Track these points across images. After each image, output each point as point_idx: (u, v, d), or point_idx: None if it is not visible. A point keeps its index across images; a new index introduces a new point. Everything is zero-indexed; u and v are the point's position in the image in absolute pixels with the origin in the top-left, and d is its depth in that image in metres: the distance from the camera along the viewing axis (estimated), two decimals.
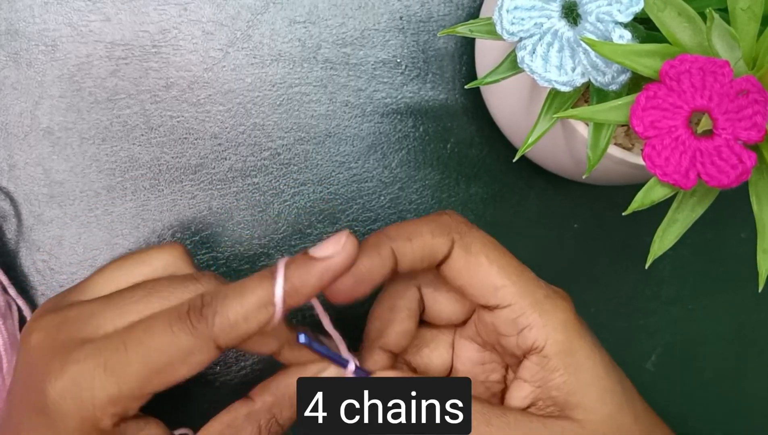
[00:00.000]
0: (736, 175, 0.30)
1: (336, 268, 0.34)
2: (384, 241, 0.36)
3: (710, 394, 0.49)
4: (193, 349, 0.33)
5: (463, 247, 0.37)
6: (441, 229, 0.37)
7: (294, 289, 0.33)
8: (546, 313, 0.36)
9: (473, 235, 0.37)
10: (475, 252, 0.37)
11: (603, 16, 0.32)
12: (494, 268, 0.37)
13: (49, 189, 0.46)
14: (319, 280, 0.33)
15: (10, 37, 0.45)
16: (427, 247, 0.36)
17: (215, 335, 0.33)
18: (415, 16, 0.47)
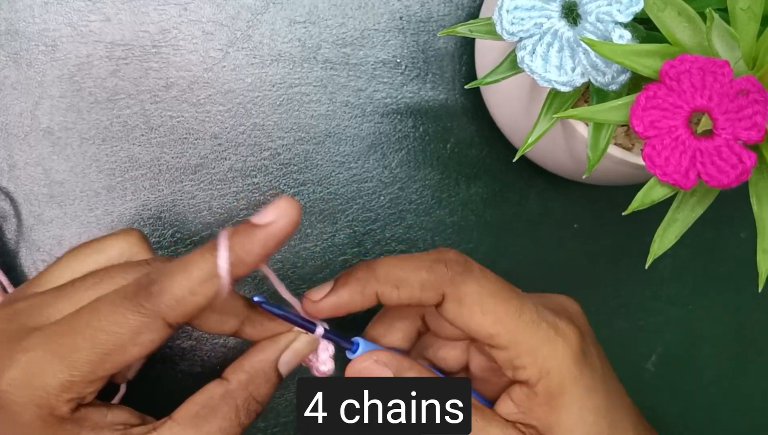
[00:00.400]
0: (736, 175, 0.30)
1: (278, 234, 0.33)
2: (371, 283, 0.36)
3: (710, 394, 0.49)
4: (142, 327, 0.32)
5: (456, 299, 0.36)
6: (432, 281, 0.35)
7: (239, 259, 0.32)
8: (542, 358, 0.35)
9: (467, 285, 0.36)
10: (468, 304, 0.36)
11: (603, 16, 0.32)
12: (488, 319, 0.36)
13: (50, 189, 0.46)
14: (262, 248, 0.33)
15: (10, 37, 0.45)
16: (415, 298, 0.36)
17: (163, 312, 0.32)
18: (415, 16, 0.47)
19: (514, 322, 0.36)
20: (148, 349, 0.33)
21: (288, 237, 0.33)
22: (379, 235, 0.47)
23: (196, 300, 0.32)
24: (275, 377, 0.37)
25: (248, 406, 0.36)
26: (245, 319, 0.37)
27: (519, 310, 0.36)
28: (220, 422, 0.35)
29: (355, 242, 0.47)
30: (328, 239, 0.47)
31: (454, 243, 0.47)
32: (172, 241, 0.46)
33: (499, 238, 0.48)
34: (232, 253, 0.32)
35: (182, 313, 0.33)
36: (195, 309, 0.33)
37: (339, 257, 0.47)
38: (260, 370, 0.36)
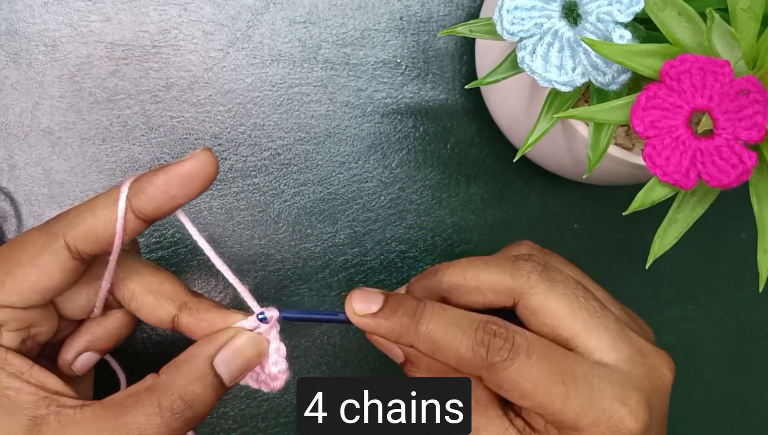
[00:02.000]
0: (736, 174, 0.30)
1: (184, 170, 0.34)
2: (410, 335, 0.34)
3: (710, 394, 0.49)
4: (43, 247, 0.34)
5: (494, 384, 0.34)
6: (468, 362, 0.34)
7: (148, 197, 0.33)
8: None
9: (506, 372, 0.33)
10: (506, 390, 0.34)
11: (603, 16, 0.32)
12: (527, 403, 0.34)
13: (50, 189, 0.46)
14: (165, 181, 0.34)
15: (10, 38, 0.45)
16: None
17: (63, 230, 0.34)
18: (416, 17, 0.47)
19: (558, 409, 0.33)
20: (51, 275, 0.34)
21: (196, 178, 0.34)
22: (380, 235, 0.47)
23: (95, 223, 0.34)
24: (211, 377, 0.34)
25: (173, 405, 0.33)
26: (182, 306, 0.36)
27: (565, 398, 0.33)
28: (137, 416, 0.32)
29: (356, 242, 0.47)
30: (328, 239, 0.47)
31: (454, 243, 0.47)
32: (172, 242, 0.46)
33: (500, 238, 0.48)
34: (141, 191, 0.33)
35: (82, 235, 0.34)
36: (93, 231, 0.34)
37: (339, 257, 0.47)
38: (192, 366, 0.34)
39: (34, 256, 0.34)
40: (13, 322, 0.35)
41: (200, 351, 0.34)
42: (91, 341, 0.38)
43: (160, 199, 0.34)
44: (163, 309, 0.36)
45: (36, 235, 0.34)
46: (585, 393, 0.33)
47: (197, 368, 0.34)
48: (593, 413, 0.33)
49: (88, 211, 0.34)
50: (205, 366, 0.34)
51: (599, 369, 0.34)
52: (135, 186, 0.34)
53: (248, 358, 0.35)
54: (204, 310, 0.36)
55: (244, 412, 0.46)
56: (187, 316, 0.36)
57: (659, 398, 0.35)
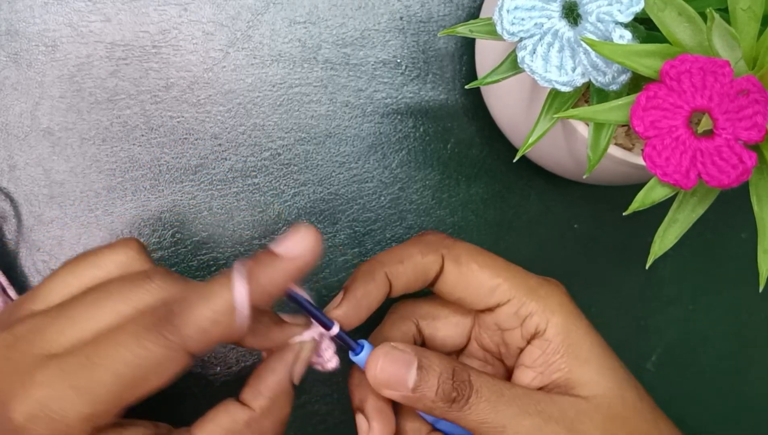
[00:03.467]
0: (736, 175, 0.30)
1: (306, 266, 0.34)
2: (377, 267, 0.38)
3: (710, 394, 0.49)
4: (165, 360, 0.32)
5: (453, 259, 0.39)
6: (429, 247, 0.39)
7: (262, 289, 0.33)
8: (542, 299, 0.38)
9: (460, 247, 0.39)
10: (465, 261, 0.39)
11: (603, 16, 0.32)
12: (486, 272, 0.38)
13: (50, 189, 0.46)
14: (285, 279, 0.33)
15: (10, 38, 0.45)
16: (419, 265, 0.39)
17: (186, 344, 0.32)
18: (416, 17, 0.47)
19: (510, 271, 0.38)
20: (169, 379, 0.33)
21: (310, 266, 0.34)
22: (380, 236, 0.47)
23: (219, 330, 0.32)
24: (293, 392, 0.37)
25: (276, 431, 0.36)
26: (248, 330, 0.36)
27: (508, 264, 0.39)
28: None
29: (356, 242, 0.47)
30: (328, 240, 0.47)
31: None
32: (172, 242, 0.46)
33: (500, 238, 0.48)
34: (254, 283, 0.32)
35: (205, 343, 0.32)
36: (217, 339, 0.33)
37: (339, 257, 0.47)
38: (281, 393, 0.36)
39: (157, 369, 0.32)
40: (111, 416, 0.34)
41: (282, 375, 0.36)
42: None
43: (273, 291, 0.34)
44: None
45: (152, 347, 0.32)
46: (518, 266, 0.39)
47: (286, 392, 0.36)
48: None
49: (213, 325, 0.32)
50: (289, 386, 0.36)
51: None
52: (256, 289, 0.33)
53: (308, 361, 0.38)
54: (266, 330, 0.36)
55: None
56: (251, 338, 0.36)
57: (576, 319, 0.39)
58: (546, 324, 0.38)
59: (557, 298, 0.38)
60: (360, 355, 0.37)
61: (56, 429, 0.32)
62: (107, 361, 0.32)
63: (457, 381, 0.35)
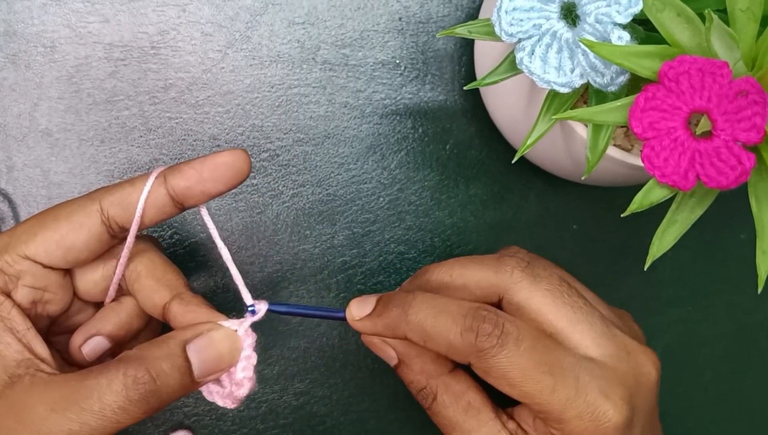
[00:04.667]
0: (735, 176, 0.30)
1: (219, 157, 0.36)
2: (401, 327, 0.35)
3: (710, 395, 0.49)
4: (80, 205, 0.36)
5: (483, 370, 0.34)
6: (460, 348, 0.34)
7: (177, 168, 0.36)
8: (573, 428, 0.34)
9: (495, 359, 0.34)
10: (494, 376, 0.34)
11: (602, 17, 0.32)
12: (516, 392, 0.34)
13: (48, 190, 0.46)
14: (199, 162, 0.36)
15: (8, 39, 0.45)
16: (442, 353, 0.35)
17: (101, 195, 0.36)
18: (414, 18, 0.47)
19: (545, 399, 0.34)
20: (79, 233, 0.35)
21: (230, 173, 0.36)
22: (378, 237, 0.47)
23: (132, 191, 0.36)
24: (181, 360, 0.34)
25: (137, 374, 0.32)
26: (176, 295, 0.36)
27: (551, 388, 0.34)
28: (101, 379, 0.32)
29: (354, 244, 0.47)
30: (327, 241, 0.47)
31: (453, 244, 0.47)
32: (171, 243, 0.46)
33: (499, 239, 0.48)
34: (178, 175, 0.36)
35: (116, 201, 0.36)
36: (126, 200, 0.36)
37: (338, 259, 0.47)
38: (165, 345, 0.34)
39: (70, 213, 0.36)
40: (30, 276, 0.36)
41: (176, 334, 0.35)
42: (102, 326, 0.38)
43: (192, 177, 0.36)
44: (158, 294, 0.37)
45: (78, 199, 0.36)
46: (571, 385, 0.34)
47: (169, 347, 0.34)
48: (578, 406, 0.34)
49: (128, 182, 0.36)
50: (177, 347, 0.34)
51: (585, 362, 0.35)
52: (171, 167, 0.36)
53: (220, 353, 0.35)
54: (194, 304, 0.36)
55: (242, 414, 0.46)
56: (176, 305, 0.36)
57: (644, 395, 0.36)
58: None
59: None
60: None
61: None
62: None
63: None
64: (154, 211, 0.36)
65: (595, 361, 0.35)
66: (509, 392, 0.34)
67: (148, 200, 0.36)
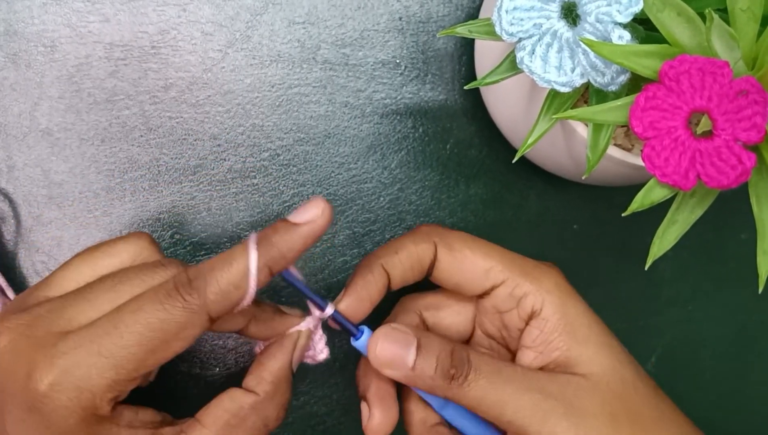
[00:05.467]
0: (735, 175, 0.30)
1: (317, 231, 0.35)
2: (373, 260, 0.39)
3: (710, 394, 0.49)
4: (187, 322, 0.33)
5: (446, 246, 0.39)
6: (421, 236, 0.40)
7: (281, 255, 0.35)
8: (537, 280, 0.39)
9: (452, 235, 0.40)
10: (458, 247, 0.39)
11: (602, 17, 0.32)
12: (478, 256, 0.39)
13: (48, 190, 0.46)
14: (302, 244, 0.35)
15: (8, 38, 0.45)
16: (413, 254, 0.39)
17: (208, 306, 0.33)
18: (415, 17, 0.47)
19: (503, 255, 0.39)
20: (189, 343, 0.34)
21: (321, 235, 0.36)
22: (379, 237, 0.47)
23: (239, 293, 0.34)
24: (292, 378, 0.38)
25: (278, 415, 0.37)
26: (252, 318, 0.38)
27: (502, 249, 0.40)
28: (249, 432, 0.36)
29: (355, 243, 0.47)
30: (327, 240, 0.47)
31: None
32: (171, 242, 0.46)
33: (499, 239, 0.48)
34: (274, 249, 0.35)
35: (225, 306, 0.34)
36: (237, 302, 0.34)
37: (339, 258, 0.47)
38: (283, 378, 0.37)
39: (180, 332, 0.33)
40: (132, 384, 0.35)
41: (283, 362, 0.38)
42: None
43: (289, 255, 0.35)
44: (236, 323, 0.38)
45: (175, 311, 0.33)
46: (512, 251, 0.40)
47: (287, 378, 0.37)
48: None
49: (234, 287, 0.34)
50: (290, 373, 0.38)
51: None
52: (264, 243, 0.35)
53: (305, 349, 0.39)
54: (269, 319, 0.38)
55: None
56: (254, 328, 0.38)
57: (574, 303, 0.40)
58: (542, 303, 0.38)
59: (552, 278, 0.39)
60: (360, 340, 0.38)
61: (82, 396, 0.33)
62: (130, 326, 0.33)
63: (456, 359, 0.36)
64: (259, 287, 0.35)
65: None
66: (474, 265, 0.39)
67: None
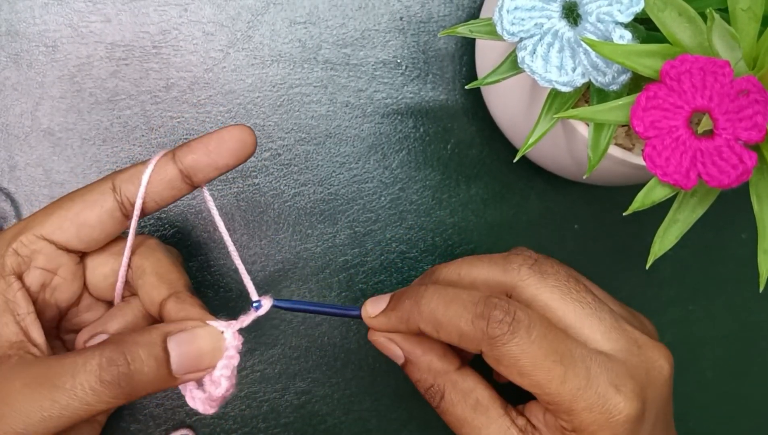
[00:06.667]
0: (736, 175, 0.30)
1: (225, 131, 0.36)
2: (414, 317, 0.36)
3: (711, 394, 0.49)
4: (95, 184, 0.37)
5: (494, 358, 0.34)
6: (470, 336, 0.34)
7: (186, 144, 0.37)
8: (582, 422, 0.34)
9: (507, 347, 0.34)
10: (506, 365, 0.34)
11: (603, 17, 0.32)
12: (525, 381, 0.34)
13: (50, 190, 0.46)
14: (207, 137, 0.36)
15: (10, 38, 0.45)
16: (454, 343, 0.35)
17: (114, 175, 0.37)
18: (416, 17, 0.47)
19: (555, 389, 0.34)
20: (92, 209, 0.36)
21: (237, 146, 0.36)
22: (380, 236, 0.47)
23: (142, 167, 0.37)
24: (159, 349, 0.33)
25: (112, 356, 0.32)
26: (174, 294, 0.36)
27: (562, 378, 0.33)
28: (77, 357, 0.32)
29: (356, 243, 0.47)
30: (328, 240, 0.47)
31: (454, 243, 0.47)
32: (172, 242, 0.46)
33: (500, 239, 0.48)
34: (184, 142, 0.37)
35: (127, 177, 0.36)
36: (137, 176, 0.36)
37: (340, 258, 0.47)
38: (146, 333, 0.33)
39: (84, 193, 0.37)
40: (43, 257, 0.36)
41: (161, 326, 0.34)
42: (108, 325, 0.38)
43: (199, 150, 0.36)
44: (157, 291, 0.36)
45: (94, 181, 0.37)
46: (582, 376, 0.34)
47: (150, 336, 0.33)
48: (588, 397, 0.34)
49: (140, 163, 0.37)
50: (158, 337, 0.33)
51: (597, 355, 0.35)
52: (180, 145, 0.37)
53: (201, 351, 0.34)
54: (189, 304, 0.35)
55: (244, 413, 0.46)
56: (172, 303, 0.35)
57: (656, 389, 0.36)
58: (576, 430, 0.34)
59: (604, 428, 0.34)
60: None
61: None
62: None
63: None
64: (163, 185, 0.37)
65: (606, 355, 0.35)
66: (519, 382, 0.34)
67: (157, 175, 0.36)
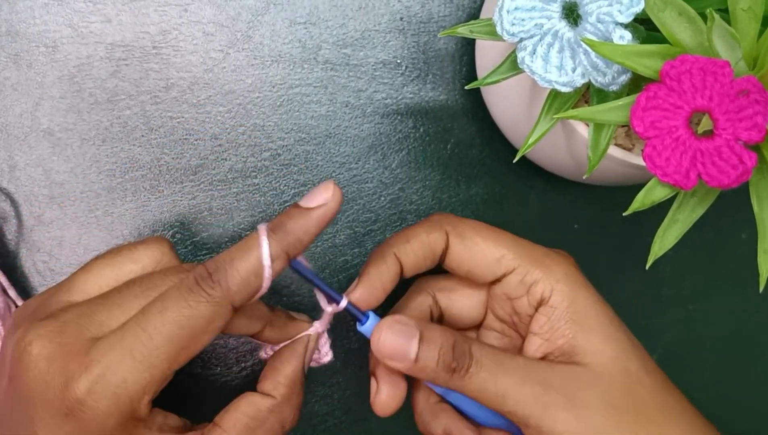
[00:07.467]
0: (736, 175, 0.30)
1: (330, 214, 0.36)
2: (385, 248, 0.39)
3: (711, 394, 0.49)
4: (213, 315, 0.34)
5: (457, 235, 0.39)
6: (433, 225, 0.40)
7: (296, 239, 0.35)
8: (547, 267, 0.39)
9: (464, 223, 0.40)
10: (470, 235, 0.39)
11: (603, 17, 0.32)
12: (490, 244, 0.39)
13: (50, 190, 0.46)
14: (316, 227, 0.36)
15: (10, 39, 0.45)
16: (425, 242, 0.39)
17: (231, 296, 0.34)
18: (416, 17, 0.47)
19: (514, 243, 0.40)
20: (216, 334, 0.35)
21: (333, 218, 0.36)
22: (380, 236, 0.47)
23: (259, 281, 0.34)
24: (304, 380, 0.39)
25: (294, 417, 0.38)
26: (267, 323, 0.39)
27: (513, 236, 0.40)
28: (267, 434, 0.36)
29: (356, 243, 0.47)
30: (328, 240, 0.47)
31: None
32: (172, 242, 0.46)
33: None
34: (290, 235, 0.35)
35: (247, 294, 0.35)
36: (257, 290, 0.35)
37: (339, 258, 0.47)
38: (297, 381, 0.38)
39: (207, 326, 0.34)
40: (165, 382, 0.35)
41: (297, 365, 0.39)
42: None
43: (305, 238, 0.36)
44: (252, 328, 0.38)
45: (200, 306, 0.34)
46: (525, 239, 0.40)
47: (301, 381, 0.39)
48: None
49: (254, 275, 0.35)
50: (303, 376, 0.39)
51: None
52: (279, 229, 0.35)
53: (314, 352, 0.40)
54: (282, 325, 0.39)
55: None
56: (269, 331, 0.39)
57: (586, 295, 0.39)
58: (551, 291, 0.38)
59: (563, 267, 0.39)
60: (366, 326, 0.38)
61: (120, 401, 0.33)
62: (158, 327, 0.33)
63: (458, 352, 0.36)
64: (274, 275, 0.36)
65: None
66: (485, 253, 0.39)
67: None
